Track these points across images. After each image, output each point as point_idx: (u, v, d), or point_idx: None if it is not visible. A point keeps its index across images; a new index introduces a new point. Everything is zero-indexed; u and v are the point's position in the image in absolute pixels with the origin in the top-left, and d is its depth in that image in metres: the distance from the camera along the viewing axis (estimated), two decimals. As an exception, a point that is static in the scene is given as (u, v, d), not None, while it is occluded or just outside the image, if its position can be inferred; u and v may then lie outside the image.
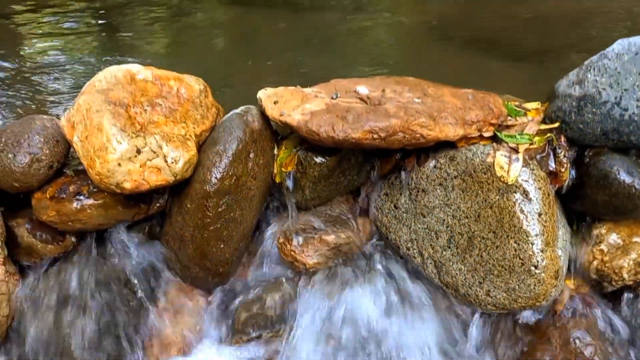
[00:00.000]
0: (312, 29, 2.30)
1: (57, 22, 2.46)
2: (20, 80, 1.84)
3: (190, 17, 2.50)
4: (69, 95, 1.70)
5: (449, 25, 2.26)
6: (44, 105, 1.66)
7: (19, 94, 1.72)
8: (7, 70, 1.93)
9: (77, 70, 1.89)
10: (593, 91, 1.23)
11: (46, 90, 1.74)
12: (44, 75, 1.86)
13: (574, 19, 2.20)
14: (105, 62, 2.00)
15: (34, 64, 1.98)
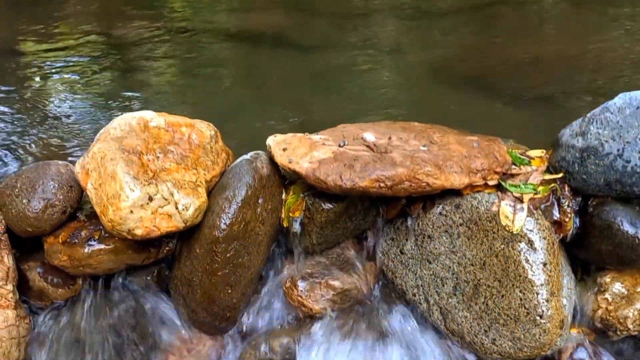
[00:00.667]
0: (318, 68, 2.35)
1: (67, 60, 2.52)
2: (33, 120, 1.88)
3: (199, 56, 2.55)
4: (80, 137, 1.73)
5: (453, 66, 2.31)
6: (56, 146, 1.69)
7: (32, 135, 1.76)
8: (19, 110, 1.97)
9: (88, 111, 1.93)
10: (596, 143, 1.26)
11: (58, 132, 1.78)
12: (55, 116, 1.91)
13: (575, 61, 2.24)
14: (114, 101, 2.04)
15: (45, 103, 2.03)
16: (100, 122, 1.82)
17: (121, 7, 3.55)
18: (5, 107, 2.02)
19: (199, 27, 2.97)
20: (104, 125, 1.75)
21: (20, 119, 1.91)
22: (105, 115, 1.90)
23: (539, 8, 2.93)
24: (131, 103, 2.02)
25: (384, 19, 3.00)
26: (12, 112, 1.97)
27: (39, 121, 1.87)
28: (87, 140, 1.71)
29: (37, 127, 1.82)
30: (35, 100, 2.07)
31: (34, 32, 3.04)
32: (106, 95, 2.09)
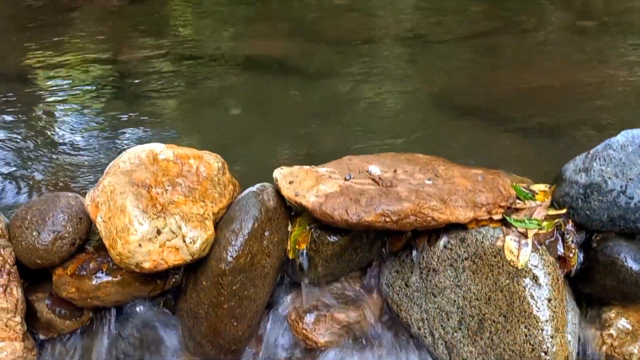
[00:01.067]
0: (323, 97, 2.38)
1: (75, 86, 2.56)
2: (41, 149, 1.90)
3: (205, 82, 2.59)
4: (88, 166, 1.75)
5: (456, 95, 2.34)
6: (65, 176, 1.71)
7: (40, 164, 1.78)
8: (28, 138, 2.00)
9: (96, 140, 1.96)
10: (599, 180, 1.28)
11: (67, 161, 1.80)
12: (64, 144, 1.93)
13: (577, 92, 2.27)
14: (121, 129, 2.07)
15: (53, 131, 2.05)
16: (108, 151, 1.84)
17: (128, 31, 3.60)
18: (14, 135, 2.04)
19: (205, 54, 3.02)
20: (112, 154, 1.79)
21: (29, 147, 1.93)
22: (112, 143, 1.92)
23: (540, 37, 2.97)
24: (138, 131, 2.04)
25: (386, 46, 3.05)
26: (21, 139, 2.00)
27: (48, 150, 1.89)
28: (95, 169, 1.73)
29: (46, 155, 1.84)
30: (43, 128, 2.10)
31: (41, 57, 3.08)
32: (113, 123, 2.12)
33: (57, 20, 3.97)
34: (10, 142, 1.98)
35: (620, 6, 3.53)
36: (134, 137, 2.00)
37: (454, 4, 3.96)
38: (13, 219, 1.30)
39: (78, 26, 3.88)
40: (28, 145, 1.94)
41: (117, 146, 1.91)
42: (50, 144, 1.95)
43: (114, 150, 1.87)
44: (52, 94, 2.47)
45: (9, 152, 1.89)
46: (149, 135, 2.01)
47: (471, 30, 3.20)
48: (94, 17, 4.23)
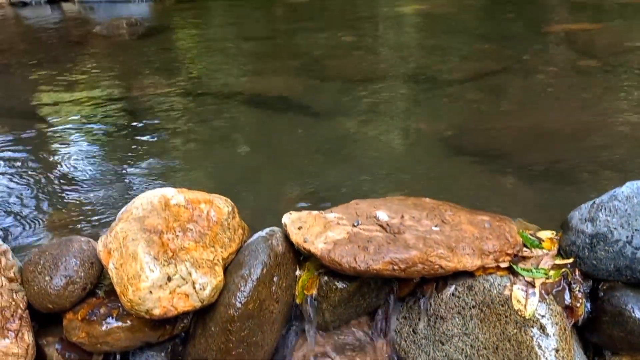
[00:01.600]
0: (330, 136, 2.42)
1: (86, 124, 2.60)
2: (53, 188, 1.93)
3: (214, 120, 2.63)
4: (99, 205, 1.78)
5: (461, 135, 2.37)
6: (75, 215, 1.73)
7: (52, 204, 1.81)
8: (40, 177, 2.03)
9: (109, 179, 1.98)
10: (605, 230, 1.29)
11: (78, 199, 1.82)
12: (75, 183, 1.96)
13: (581, 134, 2.29)
14: (131, 169, 2.10)
15: (64, 170, 2.08)
16: (120, 190, 1.87)
17: (138, 67, 3.68)
18: (26, 172, 2.07)
19: (214, 91, 3.08)
20: (123, 192, 1.81)
21: (41, 185, 1.96)
22: (123, 182, 1.95)
23: (544, 77, 3.02)
24: (148, 170, 2.07)
25: (392, 84, 3.10)
26: (32, 177, 2.03)
27: (59, 188, 1.92)
28: (107, 207, 1.76)
29: (58, 194, 1.87)
30: (55, 166, 2.13)
31: (53, 93, 3.15)
32: (124, 161, 2.15)
33: (69, 55, 4.07)
34: (22, 179, 2.01)
35: (622, 45, 3.59)
36: (144, 176, 2.02)
37: (458, 42, 4.04)
38: (26, 263, 1.32)
39: (89, 61, 3.97)
40: (40, 183, 1.97)
41: (128, 184, 1.93)
42: (61, 182, 1.98)
43: (125, 189, 1.90)
44: (64, 131, 2.51)
45: (21, 190, 1.92)
46: (159, 174, 2.04)
47: (476, 69, 3.25)
48: (104, 51, 4.33)
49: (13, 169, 2.12)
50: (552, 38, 3.98)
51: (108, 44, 4.58)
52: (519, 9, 5.38)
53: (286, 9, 6.55)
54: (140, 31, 4.95)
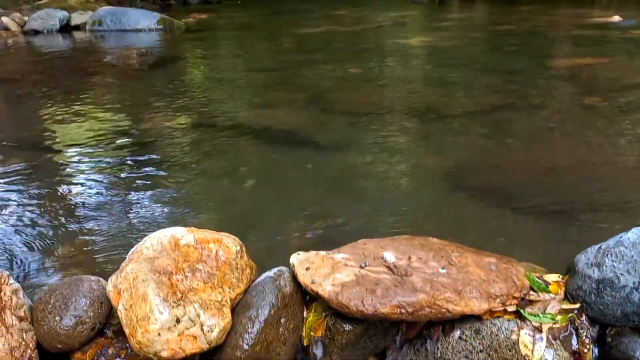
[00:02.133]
0: (337, 170, 2.44)
1: (93, 157, 2.64)
2: (63, 223, 1.95)
3: (222, 153, 2.66)
4: (110, 240, 1.79)
5: (467, 172, 2.38)
6: (86, 251, 1.75)
7: (62, 239, 1.83)
8: (49, 212, 2.05)
9: (117, 212, 2.01)
10: (611, 275, 1.30)
11: (88, 235, 1.84)
12: (84, 218, 1.98)
13: (585, 172, 2.31)
14: (139, 203, 2.12)
15: (72, 205, 2.11)
16: (130, 225, 1.89)
17: (148, 98, 3.74)
18: (36, 207, 2.10)
19: (222, 123, 3.12)
20: (132, 229, 1.83)
21: (51, 221, 1.98)
22: (133, 217, 1.97)
23: (549, 113, 3.05)
24: (158, 204, 2.09)
25: (399, 118, 3.13)
26: (42, 212, 2.05)
27: (69, 223, 1.94)
28: (116, 244, 1.77)
29: (67, 229, 1.89)
30: (64, 201, 2.15)
31: (63, 124, 3.20)
32: (133, 195, 2.17)
33: (80, 85, 4.14)
34: (31, 212, 2.04)
35: (626, 81, 3.63)
36: (152, 209, 2.04)
37: (463, 75, 4.10)
38: (36, 302, 1.33)
39: (100, 91, 4.04)
40: (49, 217, 1.99)
41: (136, 218, 1.95)
42: (71, 215, 2.00)
43: (133, 223, 1.92)
44: (73, 164, 2.55)
45: (30, 224, 1.94)
46: (166, 208, 2.06)
47: (481, 104, 3.29)
48: (115, 81, 4.40)
49: (23, 202, 2.15)
50: (556, 72, 4.03)
51: (118, 73, 4.67)
52: (523, 42, 5.46)
53: (294, 39, 6.67)
54: (150, 61, 5.05)
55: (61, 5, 9.11)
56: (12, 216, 2.02)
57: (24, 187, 2.30)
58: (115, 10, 7.84)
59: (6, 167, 2.52)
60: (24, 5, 9.67)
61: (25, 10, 9.19)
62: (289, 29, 7.71)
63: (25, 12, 8.96)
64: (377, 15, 9.17)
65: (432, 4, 10.98)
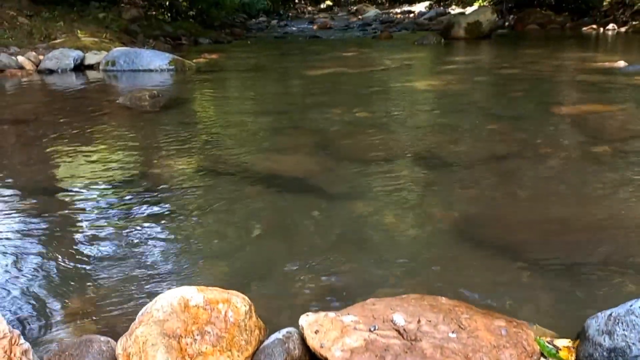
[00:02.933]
0: (345, 220, 2.45)
1: (103, 203, 2.67)
2: (70, 274, 1.96)
3: (230, 201, 2.68)
4: (118, 297, 1.80)
5: (474, 225, 2.39)
6: (92, 305, 1.75)
7: (70, 292, 1.83)
8: (56, 261, 2.06)
9: (125, 263, 2.02)
10: (623, 345, 1.29)
11: (95, 290, 1.85)
12: (92, 269, 1.99)
13: (593, 226, 2.30)
14: (149, 253, 2.13)
15: (81, 253, 2.12)
16: (137, 278, 1.89)
17: (159, 142, 3.79)
18: (43, 256, 2.12)
19: (230, 169, 3.15)
20: (141, 283, 1.84)
21: (58, 271, 1.99)
22: (140, 269, 1.97)
23: (556, 163, 3.06)
24: (163, 255, 2.10)
25: (405, 166, 3.15)
26: (49, 262, 2.06)
27: (76, 275, 1.95)
28: (124, 298, 1.78)
29: (75, 281, 1.90)
30: (71, 248, 2.17)
31: (73, 166, 3.25)
32: (141, 246, 2.19)
33: (93, 128, 4.21)
34: (39, 264, 2.05)
35: (633, 130, 3.65)
36: (162, 261, 2.06)
37: (469, 122, 4.15)
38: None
39: (111, 134, 4.10)
40: (58, 269, 2.00)
41: (146, 271, 1.96)
42: (79, 266, 2.02)
43: (144, 277, 1.93)
44: (83, 212, 2.57)
45: (38, 275, 1.96)
46: (176, 259, 2.07)
47: (488, 152, 3.32)
48: (126, 124, 4.48)
49: (31, 250, 2.17)
50: (562, 120, 4.07)
51: (130, 115, 4.75)
52: (529, 87, 5.53)
53: (302, 81, 6.79)
54: (161, 102, 5.14)
55: (76, 44, 9.35)
56: (20, 266, 2.03)
57: (33, 234, 2.32)
58: (128, 51, 8.03)
59: (16, 212, 2.55)
60: (39, 44, 9.93)
61: (41, 49, 9.43)
62: (297, 71, 7.86)
63: (40, 50, 9.20)
64: (385, 57, 9.34)
65: (439, 45, 11.19)
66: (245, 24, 20.44)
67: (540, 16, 15.16)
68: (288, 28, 19.87)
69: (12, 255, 2.11)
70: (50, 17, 11.16)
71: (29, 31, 10.16)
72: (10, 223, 2.42)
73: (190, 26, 14.53)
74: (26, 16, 10.71)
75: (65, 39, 9.80)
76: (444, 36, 11.80)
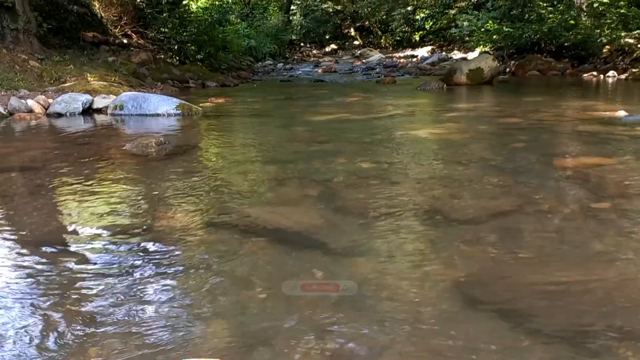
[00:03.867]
0: (346, 279, 2.44)
1: (107, 257, 2.68)
2: (75, 339, 1.96)
3: (233, 259, 2.69)
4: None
5: (477, 287, 2.38)
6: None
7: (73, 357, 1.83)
8: (59, 326, 2.06)
9: (131, 326, 2.01)
10: None
11: (99, 354, 1.84)
12: (94, 332, 1.99)
13: (597, 291, 2.30)
14: (153, 319, 2.13)
15: (84, 319, 2.12)
16: (140, 345, 1.89)
17: (164, 193, 3.83)
18: (47, 318, 2.12)
19: (234, 222, 3.17)
20: (142, 350, 1.83)
21: (61, 338, 1.99)
22: (144, 335, 1.97)
23: (558, 221, 3.07)
24: (169, 318, 2.10)
25: (407, 222, 3.16)
26: (52, 326, 2.06)
27: (80, 336, 1.95)
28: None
29: (78, 348, 1.90)
30: (75, 312, 2.17)
31: (76, 219, 3.28)
32: (145, 306, 2.19)
33: (99, 177, 4.27)
34: (42, 327, 2.05)
35: (633, 187, 3.67)
36: (166, 323, 2.05)
37: (471, 174, 4.18)
38: None
39: (117, 184, 4.15)
40: (59, 334, 2.00)
41: (149, 334, 1.96)
42: (82, 331, 2.01)
43: (147, 340, 1.92)
44: (85, 268, 2.58)
45: (27, 339, 1.95)
46: (179, 320, 2.07)
47: (490, 207, 3.34)
48: (133, 172, 4.54)
49: (33, 310, 2.17)
50: (563, 173, 4.10)
51: (137, 163, 4.82)
52: (530, 138, 5.60)
53: (307, 128, 6.88)
54: (167, 150, 5.21)
55: (85, 88, 9.56)
56: (11, 326, 2.03)
57: (36, 292, 2.33)
58: (136, 95, 8.19)
59: (18, 268, 2.56)
60: (49, 87, 10.14)
61: (50, 92, 9.64)
62: (302, 116, 7.98)
63: (50, 94, 9.40)
64: (388, 102, 9.50)
65: (441, 91, 11.39)
66: (252, 66, 20.88)
67: (541, 62, 15.45)
68: (294, 71, 20.28)
69: (15, 318, 2.11)
70: (61, 60, 11.45)
71: (40, 74, 10.41)
72: (8, 279, 2.43)
73: (197, 69, 14.85)
74: (37, 59, 11.00)
75: (74, 82, 10.02)
76: (447, 82, 12.01)
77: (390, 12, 31.79)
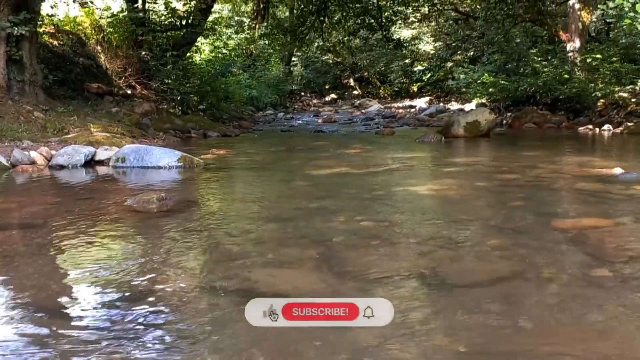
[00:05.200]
0: (347, 350, 2.43)
1: (104, 327, 2.66)
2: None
3: (230, 330, 2.67)
4: None
5: (478, 351, 2.37)
6: None
7: None
8: None
9: None
10: None
11: None
12: None
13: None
14: None
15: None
16: None
17: (163, 254, 3.84)
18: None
19: (232, 287, 3.16)
20: None
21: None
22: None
23: (557, 288, 3.07)
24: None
25: (406, 287, 3.15)
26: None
27: None
28: None
29: None
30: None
31: (76, 283, 3.27)
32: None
33: (99, 234, 4.28)
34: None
35: (631, 251, 3.69)
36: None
37: (471, 235, 4.21)
38: None
39: (117, 242, 4.17)
40: None
41: None
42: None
43: None
44: (84, 335, 2.57)
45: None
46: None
47: (490, 272, 3.34)
48: (133, 230, 4.56)
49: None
50: (562, 235, 4.12)
51: (137, 220, 4.84)
52: (528, 195, 5.65)
53: (307, 182, 6.94)
54: (168, 205, 5.24)
55: (88, 139, 9.69)
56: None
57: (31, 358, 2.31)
58: (139, 148, 8.29)
59: (16, 337, 2.55)
60: (52, 137, 10.28)
61: (54, 143, 9.76)
62: (302, 169, 8.05)
63: (53, 145, 9.51)
64: (387, 155, 9.61)
65: (439, 144, 11.54)
66: (253, 116, 21.21)
67: (537, 115, 15.72)
68: (294, 121, 20.59)
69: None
70: (65, 111, 11.66)
71: (43, 125, 10.57)
72: (5, 344, 2.42)
73: (199, 119, 15.09)
74: (42, 110, 11.19)
75: (77, 133, 10.17)
76: (444, 134, 12.20)
77: (388, 64, 32.61)
